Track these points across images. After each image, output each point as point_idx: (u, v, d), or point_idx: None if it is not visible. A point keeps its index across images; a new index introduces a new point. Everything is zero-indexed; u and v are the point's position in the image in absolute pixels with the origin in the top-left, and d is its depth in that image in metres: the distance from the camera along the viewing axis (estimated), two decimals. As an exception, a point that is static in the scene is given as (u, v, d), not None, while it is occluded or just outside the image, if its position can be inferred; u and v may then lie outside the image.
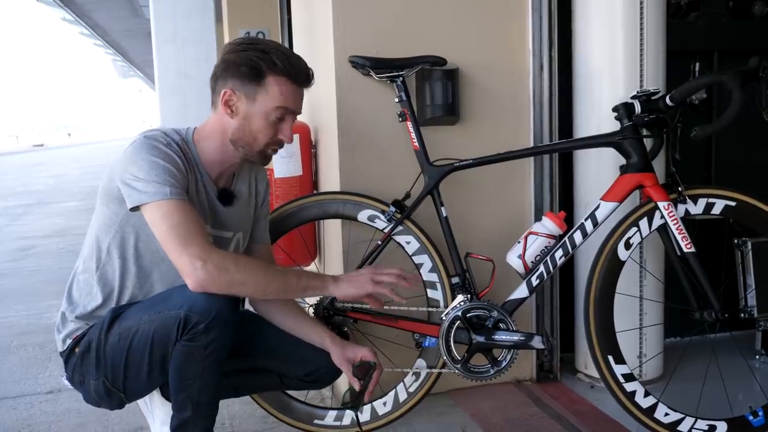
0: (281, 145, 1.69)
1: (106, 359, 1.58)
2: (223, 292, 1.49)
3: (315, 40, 2.44)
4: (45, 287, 4.27)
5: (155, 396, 1.70)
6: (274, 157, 2.34)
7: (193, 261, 1.46)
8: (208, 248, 1.49)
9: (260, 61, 1.58)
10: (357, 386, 1.75)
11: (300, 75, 1.63)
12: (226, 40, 5.84)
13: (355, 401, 1.78)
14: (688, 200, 1.91)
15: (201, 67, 3.61)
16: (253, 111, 1.61)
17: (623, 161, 1.94)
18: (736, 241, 2.56)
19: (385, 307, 2.05)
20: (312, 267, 2.43)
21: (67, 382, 1.71)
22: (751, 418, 1.91)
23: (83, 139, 58.76)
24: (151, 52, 3.93)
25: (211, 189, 1.68)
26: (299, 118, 2.80)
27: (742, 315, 2.53)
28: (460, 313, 1.93)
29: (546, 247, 1.96)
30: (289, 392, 2.07)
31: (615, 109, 1.95)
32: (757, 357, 2.59)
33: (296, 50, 2.88)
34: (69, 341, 1.65)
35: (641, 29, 2.20)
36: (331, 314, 2.00)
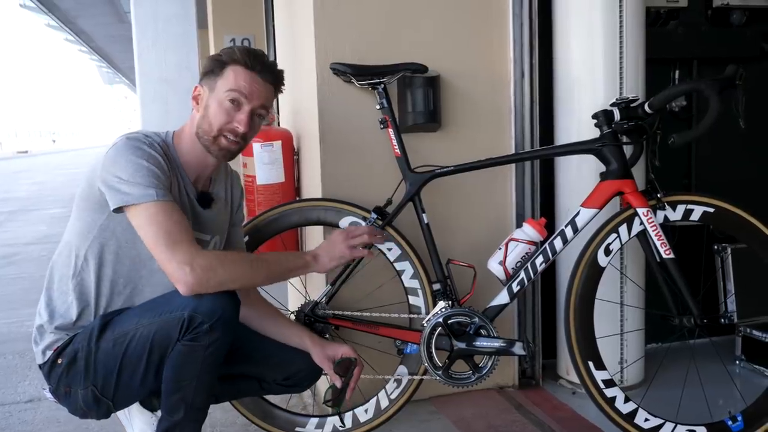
0: (236, 135, 1.65)
1: (97, 367, 1.57)
2: (214, 290, 1.51)
3: (297, 47, 2.44)
4: (26, 295, 4.22)
5: (133, 404, 1.69)
6: (257, 164, 2.36)
7: (181, 266, 1.48)
8: (194, 251, 1.51)
9: (223, 55, 1.66)
10: (338, 383, 1.78)
11: (254, 61, 1.65)
12: (211, 46, 5.84)
13: (336, 399, 1.80)
14: (667, 207, 1.93)
15: (183, 74, 3.60)
16: (210, 98, 1.65)
17: (603, 168, 1.96)
18: (715, 247, 2.58)
19: (366, 314, 2.06)
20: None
21: (49, 395, 1.68)
22: (730, 423, 1.93)
23: (68, 145, 58.42)
24: (136, 58, 3.92)
25: (191, 191, 1.69)
26: (283, 124, 2.81)
27: (722, 320, 2.55)
28: (441, 320, 1.93)
29: (527, 253, 1.96)
30: (271, 399, 2.06)
31: (595, 116, 1.96)
32: (737, 362, 2.61)
33: (279, 57, 2.88)
34: (49, 353, 1.63)
35: (620, 37, 2.22)
36: (312, 321, 2.00)
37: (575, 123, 2.29)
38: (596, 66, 2.25)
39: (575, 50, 2.28)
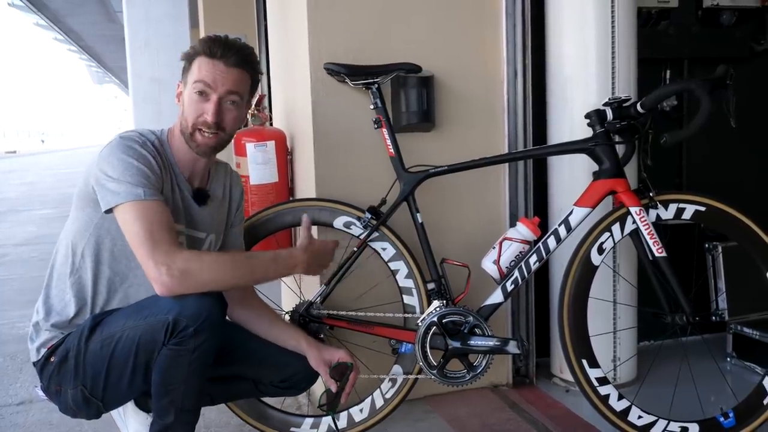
0: (209, 127, 1.62)
1: (86, 367, 1.56)
2: (193, 291, 1.49)
3: (290, 47, 2.44)
4: (17, 296, 4.20)
5: (128, 405, 1.69)
6: (250, 164, 2.35)
7: (158, 267, 1.47)
8: (174, 252, 1.49)
9: (191, 48, 1.67)
10: (334, 388, 1.77)
11: (214, 47, 1.62)
12: (202, 46, 5.83)
13: (331, 403, 1.79)
14: (659, 205, 1.94)
15: (175, 73, 3.59)
16: (185, 93, 1.66)
17: (596, 167, 1.97)
18: (707, 245, 2.60)
19: (361, 314, 2.06)
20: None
21: (41, 393, 1.68)
22: (722, 419, 1.94)
23: (57, 145, 57.95)
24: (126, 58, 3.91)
25: (185, 188, 1.69)
26: (276, 124, 2.81)
27: (714, 318, 2.57)
28: (435, 319, 1.94)
29: (520, 252, 1.97)
30: (265, 400, 2.06)
31: (587, 116, 1.97)
32: (729, 359, 2.63)
33: (272, 56, 2.88)
34: (44, 350, 1.63)
35: (612, 37, 2.23)
36: (306, 321, 2.00)
37: (568, 122, 2.30)
38: (589, 62, 2.26)
39: (568, 45, 2.30)
